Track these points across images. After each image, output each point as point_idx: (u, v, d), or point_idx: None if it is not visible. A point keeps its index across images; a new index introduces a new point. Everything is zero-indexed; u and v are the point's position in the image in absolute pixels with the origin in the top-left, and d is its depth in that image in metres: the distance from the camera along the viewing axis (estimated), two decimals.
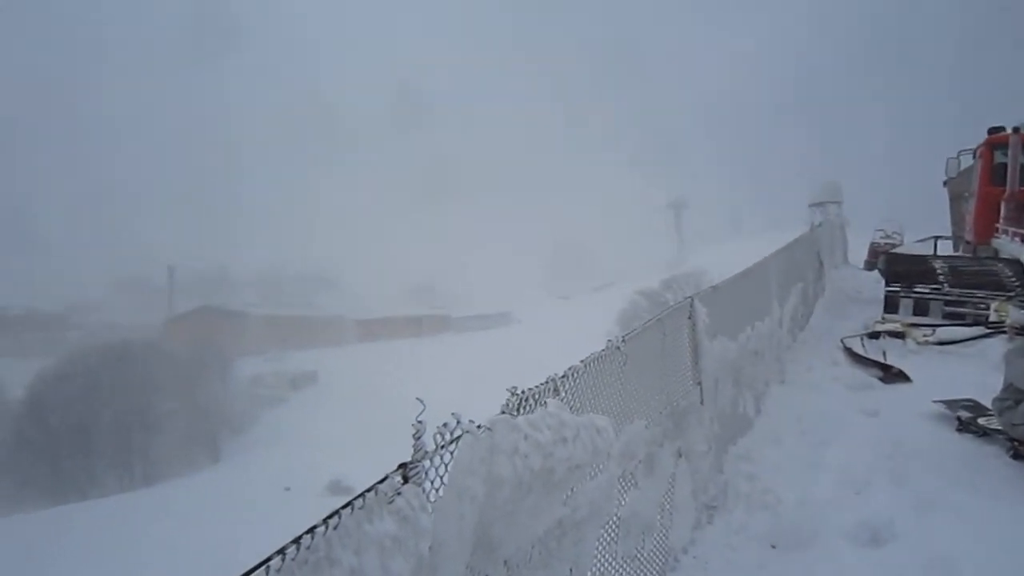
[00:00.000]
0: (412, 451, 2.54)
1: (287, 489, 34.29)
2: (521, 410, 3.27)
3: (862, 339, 11.73)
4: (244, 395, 57.82)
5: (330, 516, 2.17)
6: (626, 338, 4.67)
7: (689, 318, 6.08)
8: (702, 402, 6.13)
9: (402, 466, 2.51)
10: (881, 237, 22.31)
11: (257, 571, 1.91)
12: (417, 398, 2.51)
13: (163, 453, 50.48)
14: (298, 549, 2.03)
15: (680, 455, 5.55)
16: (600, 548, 4.31)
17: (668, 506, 5.24)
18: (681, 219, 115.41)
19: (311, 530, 2.10)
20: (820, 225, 19.01)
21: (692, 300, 6.24)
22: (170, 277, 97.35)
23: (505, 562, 3.24)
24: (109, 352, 53.36)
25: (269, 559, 1.97)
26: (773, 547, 5.50)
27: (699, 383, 6.14)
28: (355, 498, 2.28)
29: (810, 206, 28.52)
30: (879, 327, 12.08)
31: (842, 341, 11.80)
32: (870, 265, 21.07)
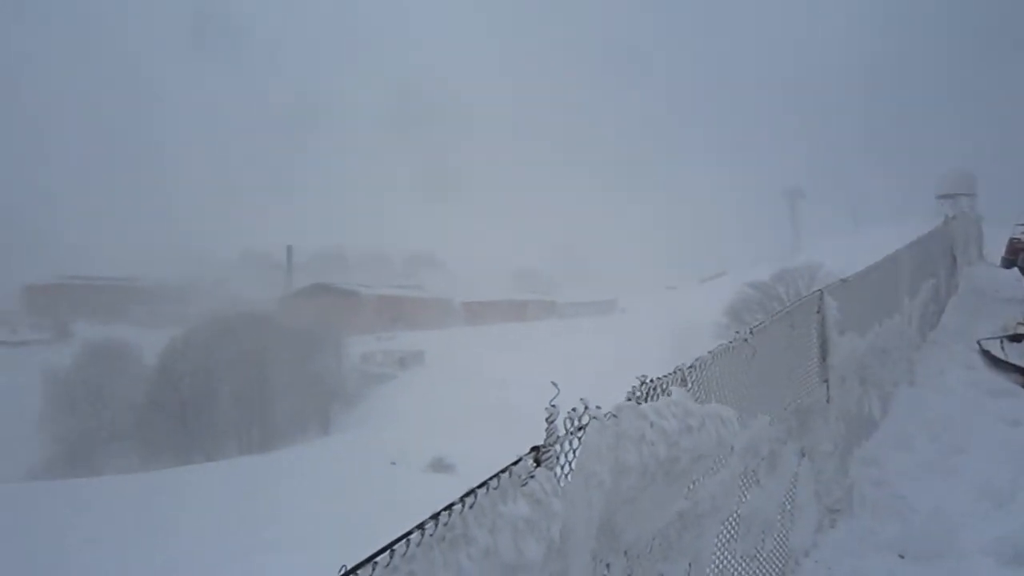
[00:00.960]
0: (544, 435, 2.50)
1: (393, 463, 35.35)
2: (648, 399, 3.20)
3: (1001, 342, 10.91)
4: (355, 371, 59.97)
5: (466, 495, 2.16)
6: (754, 330, 4.49)
7: (818, 312, 5.80)
8: (828, 400, 5.85)
9: (534, 449, 2.48)
10: (1023, 232, 20.67)
11: (399, 543, 1.93)
12: (552, 382, 2.47)
13: (278, 422, 53.17)
14: (436, 525, 2.03)
15: (804, 454, 5.31)
16: (719, 544, 4.19)
17: (789, 506, 5.03)
18: (797, 209, 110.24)
19: (448, 507, 2.11)
20: (954, 218, 17.81)
21: (822, 293, 5.95)
22: (289, 255, 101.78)
23: (626, 552, 3.18)
24: (231, 325, 56.62)
25: (409, 533, 1.98)
26: (901, 557, 5.20)
27: (825, 380, 5.85)
28: (490, 478, 2.27)
29: (938, 198, 26.79)
30: (1022, 329, 11.21)
31: (979, 343, 11.02)
32: (1008, 263, 19.57)
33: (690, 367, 3.66)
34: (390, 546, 1.91)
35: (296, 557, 16.39)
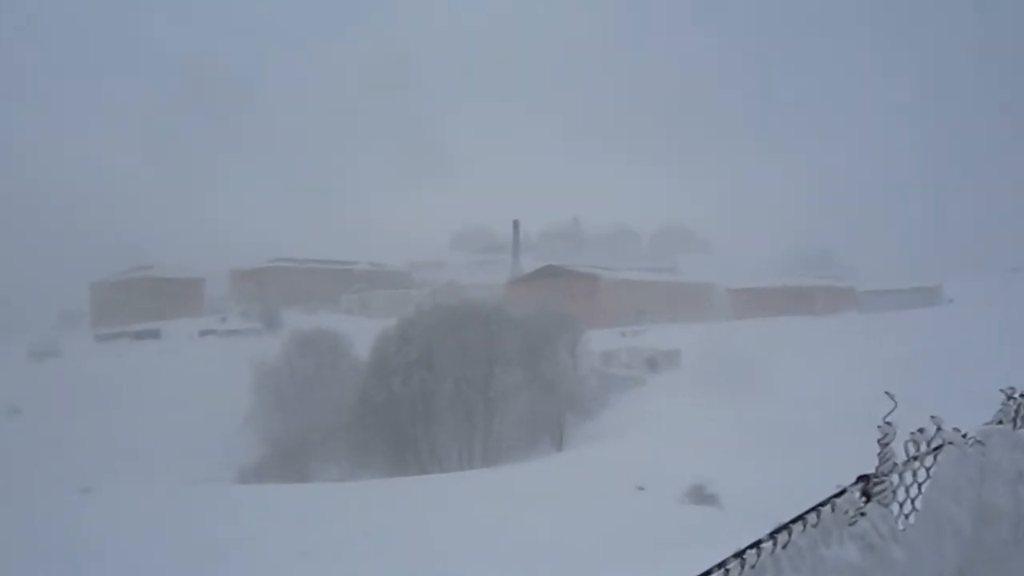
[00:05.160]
0: (878, 461, 2.42)
1: (640, 489, 35.63)
2: (1018, 420, 2.97)
3: None
4: (594, 373, 60.94)
5: (778, 531, 2.15)
6: None
7: None
8: None
9: (863, 479, 2.41)
10: None
11: None
12: (886, 392, 2.39)
13: (504, 431, 55.49)
14: (742, 566, 2.05)
15: None
16: None
17: None
18: None
19: (755, 545, 2.11)
20: None
21: None
22: (515, 233, 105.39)
23: None
24: (450, 315, 59.98)
25: (710, 572, 2.02)
26: None
27: None
28: (807, 512, 2.24)
29: None
30: None
31: None
32: None
33: None
34: None
35: None
